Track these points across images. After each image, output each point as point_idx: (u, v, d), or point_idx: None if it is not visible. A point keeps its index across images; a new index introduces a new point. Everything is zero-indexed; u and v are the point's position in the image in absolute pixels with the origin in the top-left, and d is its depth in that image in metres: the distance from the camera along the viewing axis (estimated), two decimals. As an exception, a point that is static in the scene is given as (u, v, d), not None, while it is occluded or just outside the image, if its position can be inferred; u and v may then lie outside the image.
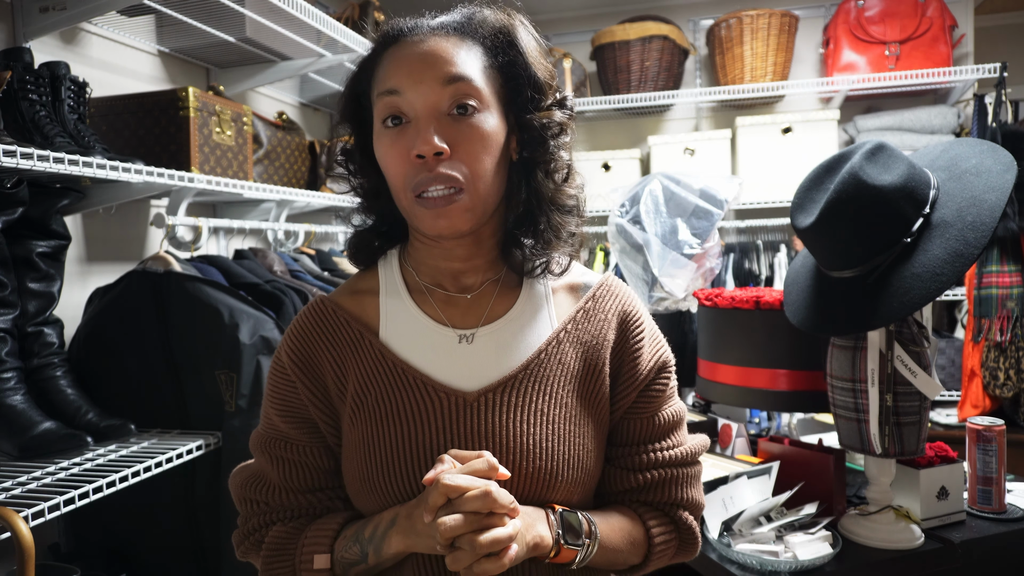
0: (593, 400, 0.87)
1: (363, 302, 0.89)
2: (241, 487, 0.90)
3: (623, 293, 0.92)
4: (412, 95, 0.78)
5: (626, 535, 0.87)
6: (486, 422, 0.81)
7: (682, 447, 0.91)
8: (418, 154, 0.77)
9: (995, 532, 1.34)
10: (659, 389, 0.91)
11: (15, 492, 1.14)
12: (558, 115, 0.85)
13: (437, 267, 0.88)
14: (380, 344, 0.86)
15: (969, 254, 1.13)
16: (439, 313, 0.87)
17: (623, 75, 3.18)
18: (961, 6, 3.14)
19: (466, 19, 0.84)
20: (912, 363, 1.21)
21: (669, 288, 1.89)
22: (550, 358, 0.85)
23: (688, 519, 0.91)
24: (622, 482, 0.89)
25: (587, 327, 0.88)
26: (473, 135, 0.79)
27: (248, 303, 1.52)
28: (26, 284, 1.35)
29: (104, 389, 1.50)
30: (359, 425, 0.84)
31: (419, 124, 0.78)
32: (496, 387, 0.83)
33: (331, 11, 2.30)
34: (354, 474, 0.84)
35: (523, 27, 0.85)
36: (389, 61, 0.81)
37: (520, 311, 0.88)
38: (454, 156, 0.78)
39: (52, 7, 1.52)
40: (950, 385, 2.91)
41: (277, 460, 0.87)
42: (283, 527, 0.86)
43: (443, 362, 0.84)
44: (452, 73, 0.79)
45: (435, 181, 0.78)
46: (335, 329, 0.87)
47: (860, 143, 1.24)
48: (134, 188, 1.54)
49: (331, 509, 0.88)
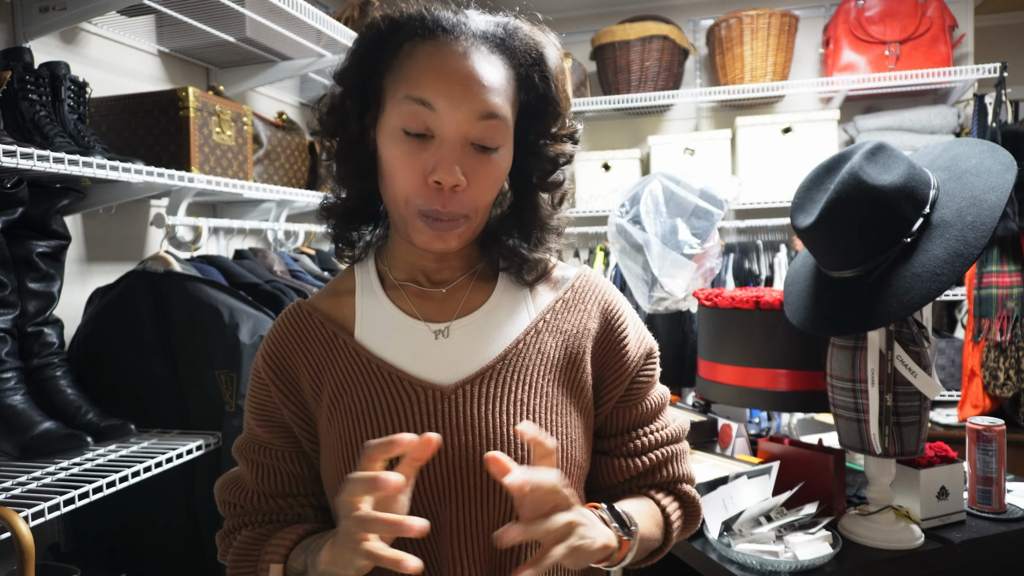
0: (575, 389, 0.86)
1: (340, 303, 0.89)
2: (221, 490, 0.91)
3: (602, 284, 0.92)
4: (446, 117, 0.76)
5: (651, 519, 0.87)
6: (465, 414, 0.80)
7: (671, 427, 0.93)
8: (437, 180, 0.76)
9: (995, 532, 1.34)
10: (647, 376, 0.91)
11: (15, 492, 1.14)
12: (569, 147, 0.86)
13: (413, 263, 0.87)
14: (355, 343, 0.85)
15: (969, 254, 1.13)
16: (413, 308, 0.86)
17: (623, 75, 3.18)
18: (961, 6, 3.14)
19: (508, 35, 0.81)
20: (912, 363, 1.21)
21: (669, 288, 1.89)
22: (529, 347, 0.84)
23: (690, 491, 0.94)
24: (623, 470, 0.90)
25: (567, 316, 0.87)
26: (490, 173, 0.79)
27: (248, 303, 1.52)
28: (26, 284, 1.35)
29: (104, 389, 1.50)
30: (336, 424, 0.83)
31: (444, 149, 0.76)
32: (474, 378, 0.81)
33: (331, 11, 2.30)
34: (332, 474, 0.83)
35: (553, 48, 0.84)
36: (425, 62, 0.77)
37: (497, 303, 0.87)
38: (467, 189, 0.77)
39: (52, 7, 1.52)
40: (950, 385, 2.91)
41: (253, 464, 0.87)
42: (251, 532, 0.86)
43: (419, 357, 0.83)
44: (490, 110, 0.77)
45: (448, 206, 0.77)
46: (310, 331, 0.87)
47: (860, 143, 1.24)
48: (134, 188, 1.54)
49: (301, 516, 0.87)
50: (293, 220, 2.38)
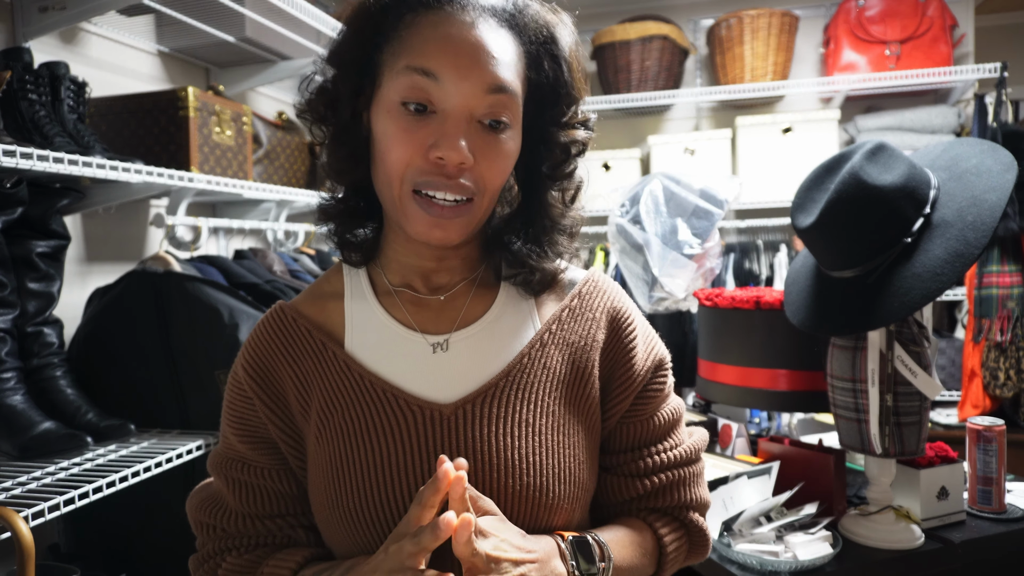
0: (582, 406, 0.80)
1: (327, 308, 0.82)
2: (196, 510, 0.83)
3: (611, 289, 0.85)
4: (451, 88, 0.69)
5: (638, 548, 0.81)
6: (465, 436, 0.74)
7: (683, 446, 0.86)
8: (440, 156, 0.69)
9: (995, 532, 1.34)
10: (656, 389, 0.85)
11: (15, 492, 1.14)
12: (582, 133, 0.80)
13: (408, 264, 0.81)
14: (345, 355, 0.78)
15: (969, 254, 1.13)
16: (409, 318, 0.79)
17: (623, 75, 3.18)
18: (961, 6, 3.14)
19: (517, 10, 0.75)
20: (912, 363, 1.21)
21: (669, 288, 1.89)
22: (533, 363, 0.78)
23: (698, 520, 0.86)
24: (625, 491, 0.83)
25: (574, 327, 0.81)
26: (499, 153, 0.73)
27: (248, 303, 1.52)
28: (26, 284, 1.34)
29: (104, 389, 1.50)
30: (325, 445, 0.76)
31: (448, 124, 0.70)
32: (475, 397, 0.75)
33: (331, 11, 2.30)
34: (322, 499, 0.77)
35: (566, 28, 0.78)
36: (428, 30, 0.71)
37: (499, 313, 0.80)
38: (473, 169, 0.71)
39: (52, 7, 1.52)
40: (950, 385, 2.91)
41: (234, 483, 0.80)
42: (238, 558, 0.79)
43: (416, 372, 0.77)
44: (500, 82, 0.70)
45: (449, 189, 0.71)
46: (296, 340, 0.80)
47: (860, 143, 1.24)
48: (134, 188, 1.54)
49: (292, 538, 0.81)
50: (293, 220, 2.38)
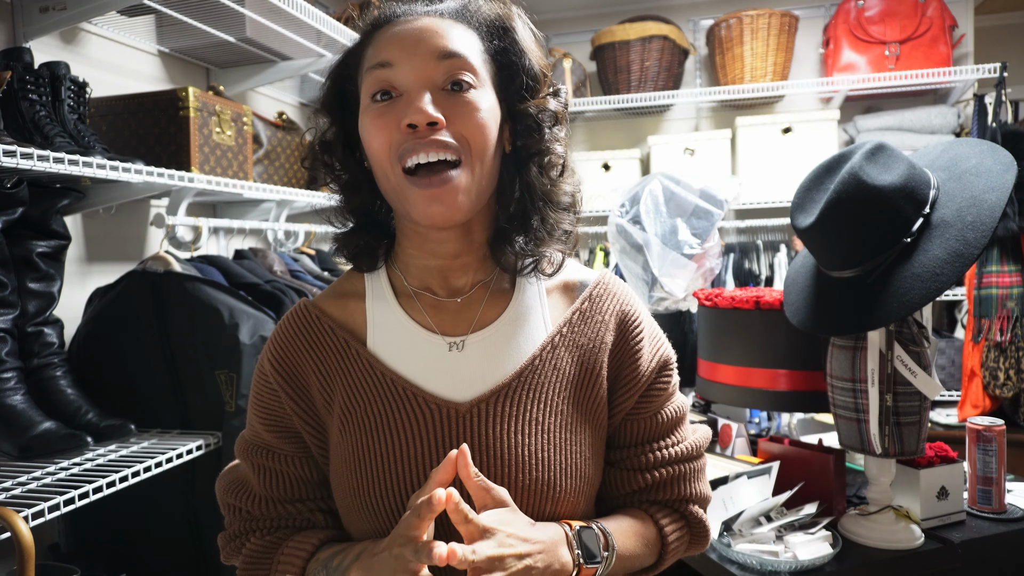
0: (590, 406, 0.84)
1: (349, 307, 0.86)
2: (225, 492, 0.88)
3: (621, 292, 0.88)
4: (406, 68, 0.76)
5: (640, 538, 0.85)
6: (479, 434, 0.79)
7: (686, 442, 0.90)
8: (410, 123, 0.74)
9: (995, 532, 1.34)
10: (661, 388, 0.88)
11: (15, 492, 1.14)
12: (552, 103, 0.82)
13: (426, 267, 0.85)
14: (368, 353, 0.83)
15: (969, 254, 1.13)
16: (428, 319, 0.83)
17: (623, 75, 3.18)
18: (961, 6, 3.14)
19: (462, 6, 0.82)
20: (912, 363, 1.21)
21: (669, 288, 1.89)
22: (544, 364, 0.82)
23: (698, 512, 0.90)
24: (628, 484, 0.87)
25: (583, 330, 0.85)
26: (469, 107, 0.76)
27: (248, 303, 1.52)
28: (26, 284, 1.35)
29: (104, 389, 1.50)
30: (348, 438, 0.81)
31: (411, 95, 0.75)
32: (489, 397, 0.80)
33: (331, 11, 2.30)
34: (345, 489, 0.82)
35: (519, 18, 0.84)
36: (381, 38, 0.79)
37: (512, 315, 0.84)
38: (448, 127, 0.75)
39: (52, 7, 1.52)
40: (950, 385, 2.91)
41: (259, 468, 0.85)
42: (261, 540, 0.84)
43: (434, 371, 0.81)
44: (447, 48, 0.76)
45: (426, 147, 0.74)
46: (320, 337, 0.84)
47: (860, 143, 1.24)
48: (134, 188, 1.54)
49: (312, 522, 0.86)
50: (293, 220, 2.38)
